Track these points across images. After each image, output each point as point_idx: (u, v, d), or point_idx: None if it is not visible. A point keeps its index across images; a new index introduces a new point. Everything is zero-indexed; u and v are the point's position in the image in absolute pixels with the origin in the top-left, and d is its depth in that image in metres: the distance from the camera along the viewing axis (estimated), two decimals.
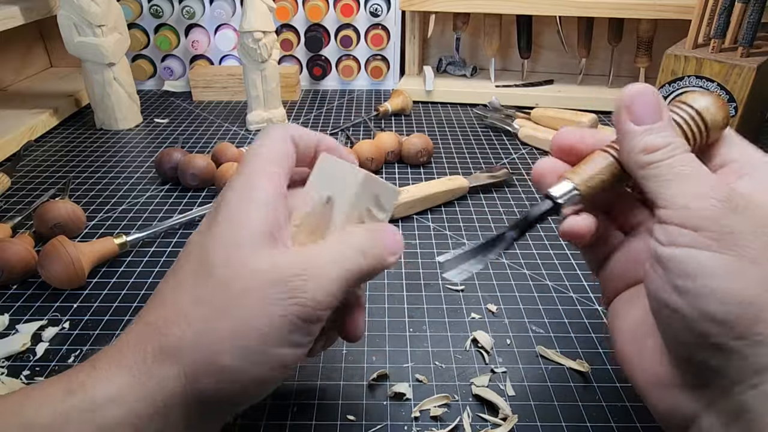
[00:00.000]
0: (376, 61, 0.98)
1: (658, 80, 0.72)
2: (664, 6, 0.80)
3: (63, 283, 0.45)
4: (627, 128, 0.25)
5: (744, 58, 0.66)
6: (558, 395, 0.35)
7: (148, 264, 0.49)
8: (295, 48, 0.97)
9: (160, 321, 0.23)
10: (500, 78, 0.97)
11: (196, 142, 0.77)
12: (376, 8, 0.93)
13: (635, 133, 0.25)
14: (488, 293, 0.45)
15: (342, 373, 0.37)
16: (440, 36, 1.03)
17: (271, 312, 0.23)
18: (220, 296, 0.23)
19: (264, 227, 0.24)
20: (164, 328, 0.23)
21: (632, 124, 0.25)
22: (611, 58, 0.92)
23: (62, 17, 0.73)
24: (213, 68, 0.96)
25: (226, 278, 0.23)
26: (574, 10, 0.84)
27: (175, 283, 0.25)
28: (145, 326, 0.24)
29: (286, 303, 0.23)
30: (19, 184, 0.64)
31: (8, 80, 0.96)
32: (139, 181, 0.65)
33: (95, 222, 0.56)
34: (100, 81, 0.77)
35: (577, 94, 0.90)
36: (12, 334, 0.41)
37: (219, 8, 0.94)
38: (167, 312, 0.24)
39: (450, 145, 0.75)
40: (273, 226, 0.25)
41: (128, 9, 0.92)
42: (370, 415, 0.34)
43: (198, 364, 0.23)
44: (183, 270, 0.25)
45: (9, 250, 0.45)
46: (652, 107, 0.25)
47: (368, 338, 0.40)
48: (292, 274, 0.23)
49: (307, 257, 0.24)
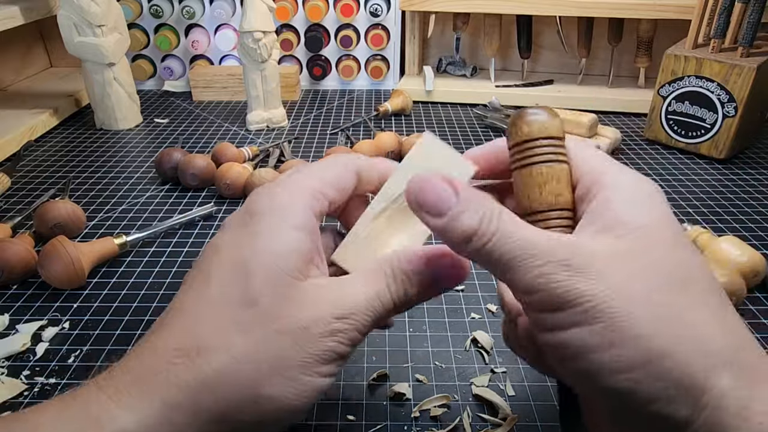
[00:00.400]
0: (376, 61, 0.98)
1: (658, 80, 0.73)
2: (664, 6, 0.80)
3: (63, 283, 0.45)
4: (434, 225, 0.22)
5: (744, 58, 0.66)
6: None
7: (148, 264, 0.49)
8: (295, 48, 0.97)
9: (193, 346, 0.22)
10: (500, 78, 0.97)
11: (196, 142, 0.77)
12: (376, 8, 0.93)
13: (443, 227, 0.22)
14: (488, 293, 0.45)
15: (342, 373, 0.37)
16: (440, 36, 1.03)
17: (311, 348, 0.22)
18: (261, 326, 0.22)
19: (305, 251, 0.23)
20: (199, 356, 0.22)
21: (436, 219, 0.22)
22: (611, 58, 0.92)
23: (62, 17, 0.73)
24: (213, 68, 0.96)
25: (270, 309, 0.22)
26: (574, 10, 0.84)
27: (208, 299, 0.23)
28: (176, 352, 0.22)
29: (327, 340, 0.23)
30: (19, 184, 0.64)
31: (8, 80, 0.96)
32: (139, 181, 0.65)
33: (95, 222, 0.56)
34: (100, 81, 0.77)
35: (577, 94, 0.90)
36: (12, 334, 0.41)
37: (219, 8, 0.94)
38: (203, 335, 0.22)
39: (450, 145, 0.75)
40: (312, 251, 0.24)
41: (128, 9, 0.92)
42: (370, 415, 0.34)
43: (236, 394, 0.22)
44: (215, 283, 0.23)
45: (9, 250, 0.45)
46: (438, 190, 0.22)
47: (368, 338, 0.40)
48: (333, 316, 0.23)
49: (348, 297, 0.24)
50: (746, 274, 0.44)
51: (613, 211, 0.22)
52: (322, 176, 0.26)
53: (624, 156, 0.72)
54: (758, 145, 0.75)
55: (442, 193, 0.22)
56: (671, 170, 0.68)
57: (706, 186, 0.64)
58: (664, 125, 0.74)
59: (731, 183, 0.65)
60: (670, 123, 0.73)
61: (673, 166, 0.70)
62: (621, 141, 0.74)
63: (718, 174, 0.67)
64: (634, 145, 0.76)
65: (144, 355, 0.23)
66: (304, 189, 0.25)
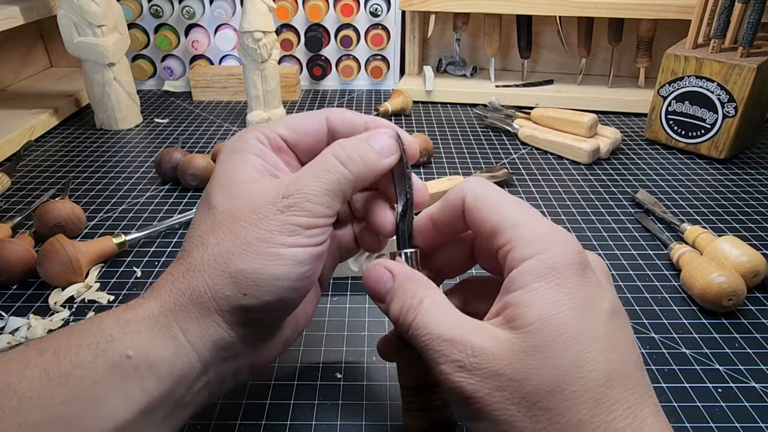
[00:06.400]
0: (376, 61, 0.98)
1: (658, 80, 0.73)
2: (664, 6, 0.80)
3: (61, 282, 0.45)
4: (380, 307, 0.28)
5: (744, 58, 0.66)
6: None
7: (147, 264, 0.49)
8: (295, 48, 0.97)
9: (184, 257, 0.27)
10: (500, 78, 0.97)
11: (196, 142, 0.77)
12: (376, 8, 0.93)
13: (384, 310, 0.27)
14: None
15: (343, 372, 0.37)
16: (440, 36, 1.03)
17: (266, 225, 0.26)
18: (223, 222, 0.26)
19: (251, 164, 0.28)
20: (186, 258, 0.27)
21: (380, 303, 0.27)
22: (611, 58, 0.92)
23: (62, 17, 0.73)
24: (213, 68, 0.96)
25: (225, 206, 0.27)
26: (574, 10, 0.84)
27: (193, 230, 0.28)
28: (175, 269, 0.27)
29: (279, 215, 0.26)
30: (19, 184, 0.64)
31: (8, 80, 0.96)
32: (139, 181, 0.65)
33: (95, 222, 0.56)
34: (100, 81, 0.77)
35: (577, 94, 0.90)
36: (12, 334, 0.40)
37: (219, 8, 0.94)
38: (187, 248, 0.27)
39: (450, 145, 0.75)
40: (264, 165, 0.28)
41: (128, 9, 0.92)
42: (370, 415, 0.34)
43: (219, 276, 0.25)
44: (195, 219, 0.28)
45: (9, 249, 0.45)
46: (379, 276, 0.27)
47: (368, 338, 0.40)
48: (281, 195, 0.26)
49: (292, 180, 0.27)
50: (746, 274, 0.44)
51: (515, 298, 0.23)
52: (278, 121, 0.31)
53: (624, 156, 0.72)
54: (758, 145, 0.75)
55: (380, 281, 0.27)
56: (671, 170, 0.68)
57: (706, 186, 0.64)
58: (664, 125, 0.74)
59: (731, 183, 0.65)
60: (670, 123, 0.73)
61: (673, 166, 0.70)
62: (621, 141, 0.74)
63: (718, 174, 0.67)
64: (634, 145, 0.76)
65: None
66: (253, 129, 0.30)
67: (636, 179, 0.66)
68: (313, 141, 0.30)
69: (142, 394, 0.23)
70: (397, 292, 0.26)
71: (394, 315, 0.26)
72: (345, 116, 0.30)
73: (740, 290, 0.42)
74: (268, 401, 0.35)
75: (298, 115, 0.31)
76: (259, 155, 0.28)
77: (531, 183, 0.65)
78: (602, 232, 0.55)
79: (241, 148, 0.29)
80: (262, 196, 0.26)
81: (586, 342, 0.22)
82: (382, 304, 0.27)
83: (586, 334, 0.22)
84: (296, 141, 0.30)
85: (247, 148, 0.29)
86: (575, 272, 0.23)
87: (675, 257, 0.48)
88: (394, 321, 0.26)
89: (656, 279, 0.47)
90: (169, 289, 0.26)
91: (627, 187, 0.64)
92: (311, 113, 0.31)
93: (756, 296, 0.45)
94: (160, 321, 0.25)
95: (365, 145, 0.28)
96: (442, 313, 0.25)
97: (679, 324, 0.42)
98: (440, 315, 0.25)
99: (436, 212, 0.29)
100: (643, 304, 0.44)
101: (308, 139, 0.30)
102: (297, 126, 0.30)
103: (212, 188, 0.28)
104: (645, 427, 0.21)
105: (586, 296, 0.23)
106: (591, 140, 0.70)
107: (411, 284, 0.26)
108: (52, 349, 0.23)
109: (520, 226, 0.24)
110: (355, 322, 0.42)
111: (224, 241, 0.26)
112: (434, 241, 0.30)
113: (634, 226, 0.56)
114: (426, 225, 0.30)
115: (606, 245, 0.52)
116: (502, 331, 0.23)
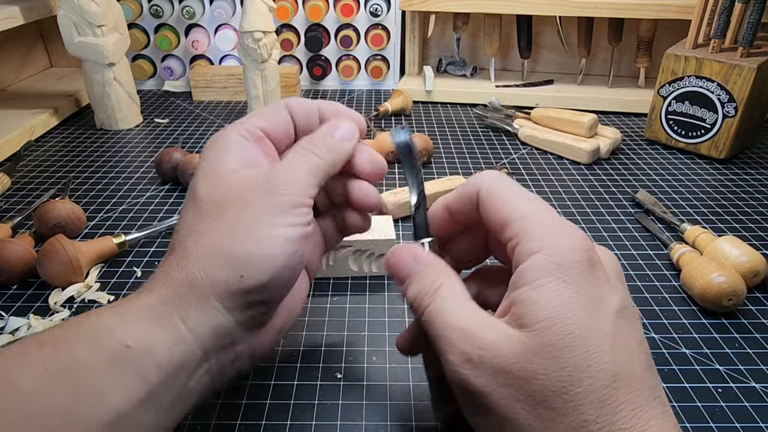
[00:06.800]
0: (376, 61, 0.98)
1: (658, 80, 0.73)
2: (664, 6, 0.80)
3: (61, 282, 0.45)
4: (398, 289, 0.28)
5: (744, 58, 0.66)
6: None
7: (147, 264, 0.49)
8: (295, 48, 0.97)
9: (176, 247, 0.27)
10: (500, 78, 0.97)
11: (196, 142, 0.77)
12: (376, 8, 0.93)
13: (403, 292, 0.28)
14: None
15: (342, 372, 0.37)
16: (440, 36, 1.03)
17: (257, 207, 0.27)
18: (215, 211, 0.27)
19: (234, 157, 0.29)
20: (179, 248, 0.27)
21: (399, 285, 0.28)
22: (611, 58, 0.92)
23: (62, 17, 0.73)
24: (213, 68, 0.96)
25: (215, 197, 0.27)
26: (574, 10, 0.84)
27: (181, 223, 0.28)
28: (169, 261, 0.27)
29: (269, 198, 0.27)
30: (19, 184, 0.64)
31: (8, 80, 0.96)
32: (139, 181, 0.65)
33: (95, 222, 0.56)
34: (100, 81, 0.77)
35: (577, 94, 0.90)
36: (12, 334, 0.40)
37: (219, 8, 0.94)
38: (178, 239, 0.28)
39: (450, 145, 0.75)
40: (247, 157, 0.29)
41: (128, 9, 0.92)
42: (370, 416, 0.34)
43: (214, 262, 0.26)
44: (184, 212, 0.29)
45: (9, 249, 0.45)
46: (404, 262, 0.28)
47: (368, 338, 0.40)
48: (265, 181, 0.27)
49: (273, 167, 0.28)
50: (746, 274, 0.44)
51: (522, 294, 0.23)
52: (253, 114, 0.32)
53: (624, 156, 0.72)
54: (758, 145, 0.75)
55: (403, 263, 0.28)
56: (671, 170, 0.68)
57: (706, 186, 0.64)
58: (664, 125, 0.74)
59: (731, 183, 0.65)
60: (670, 123, 0.73)
61: (673, 166, 0.70)
62: (621, 141, 0.74)
63: (718, 174, 0.67)
64: (634, 145, 0.76)
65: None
66: (234, 126, 0.31)
67: (636, 179, 0.66)
68: (284, 126, 0.32)
69: (142, 383, 0.23)
70: (417, 276, 0.27)
71: (410, 298, 0.27)
72: (299, 103, 0.33)
73: (740, 290, 0.42)
74: (268, 401, 0.35)
75: (267, 107, 0.33)
76: (240, 148, 0.30)
77: (531, 183, 0.65)
78: (602, 232, 0.55)
79: (222, 143, 0.30)
80: (246, 183, 0.27)
81: (593, 342, 0.22)
82: (401, 285, 0.28)
83: (593, 334, 0.22)
84: (271, 129, 0.32)
85: (229, 143, 0.30)
86: (583, 269, 0.23)
87: (675, 257, 0.48)
88: (411, 304, 0.27)
89: (656, 279, 0.47)
90: (166, 280, 0.26)
91: (627, 187, 0.64)
92: (275, 104, 0.33)
93: (756, 296, 0.45)
94: (159, 311, 0.25)
95: (328, 137, 0.30)
96: (458, 302, 0.25)
97: (679, 324, 0.42)
98: (455, 304, 0.25)
99: (451, 202, 0.29)
100: (643, 304, 0.44)
101: (280, 126, 0.32)
102: (269, 116, 0.32)
103: (197, 181, 0.29)
104: (649, 429, 0.21)
105: (594, 294, 0.23)
106: (591, 140, 0.70)
107: (430, 270, 0.27)
108: (51, 343, 0.23)
109: (528, 219, 0.24)
110: (355, 322, 0.42)
111: (215, 228, 0.27)
112: (449, 229, 0.31)
113: (634, 226, 0.56)
114: (442, 214, 0.30)
115: (606, 245, 0.52)
116: (512, 328, 0.23)
